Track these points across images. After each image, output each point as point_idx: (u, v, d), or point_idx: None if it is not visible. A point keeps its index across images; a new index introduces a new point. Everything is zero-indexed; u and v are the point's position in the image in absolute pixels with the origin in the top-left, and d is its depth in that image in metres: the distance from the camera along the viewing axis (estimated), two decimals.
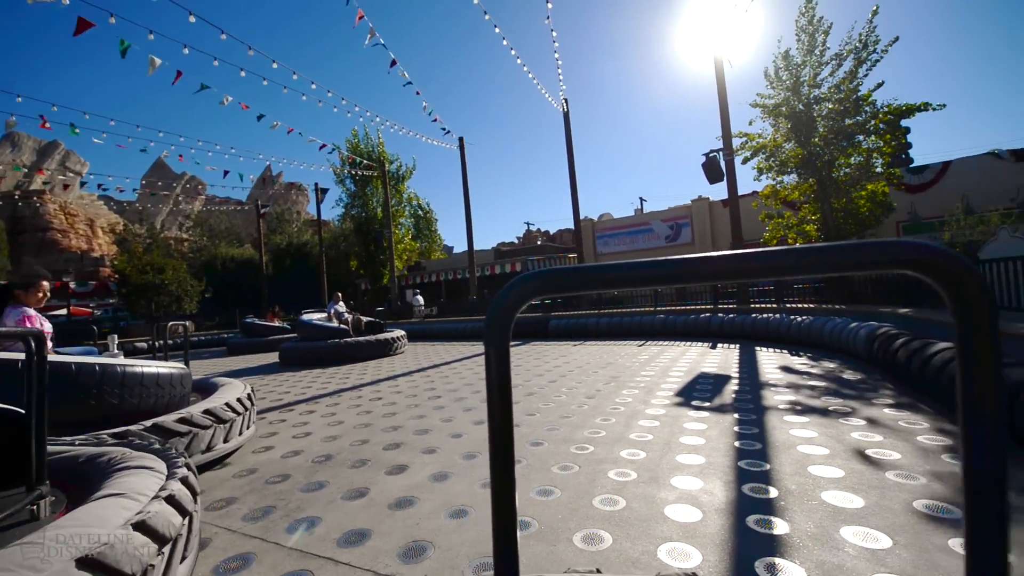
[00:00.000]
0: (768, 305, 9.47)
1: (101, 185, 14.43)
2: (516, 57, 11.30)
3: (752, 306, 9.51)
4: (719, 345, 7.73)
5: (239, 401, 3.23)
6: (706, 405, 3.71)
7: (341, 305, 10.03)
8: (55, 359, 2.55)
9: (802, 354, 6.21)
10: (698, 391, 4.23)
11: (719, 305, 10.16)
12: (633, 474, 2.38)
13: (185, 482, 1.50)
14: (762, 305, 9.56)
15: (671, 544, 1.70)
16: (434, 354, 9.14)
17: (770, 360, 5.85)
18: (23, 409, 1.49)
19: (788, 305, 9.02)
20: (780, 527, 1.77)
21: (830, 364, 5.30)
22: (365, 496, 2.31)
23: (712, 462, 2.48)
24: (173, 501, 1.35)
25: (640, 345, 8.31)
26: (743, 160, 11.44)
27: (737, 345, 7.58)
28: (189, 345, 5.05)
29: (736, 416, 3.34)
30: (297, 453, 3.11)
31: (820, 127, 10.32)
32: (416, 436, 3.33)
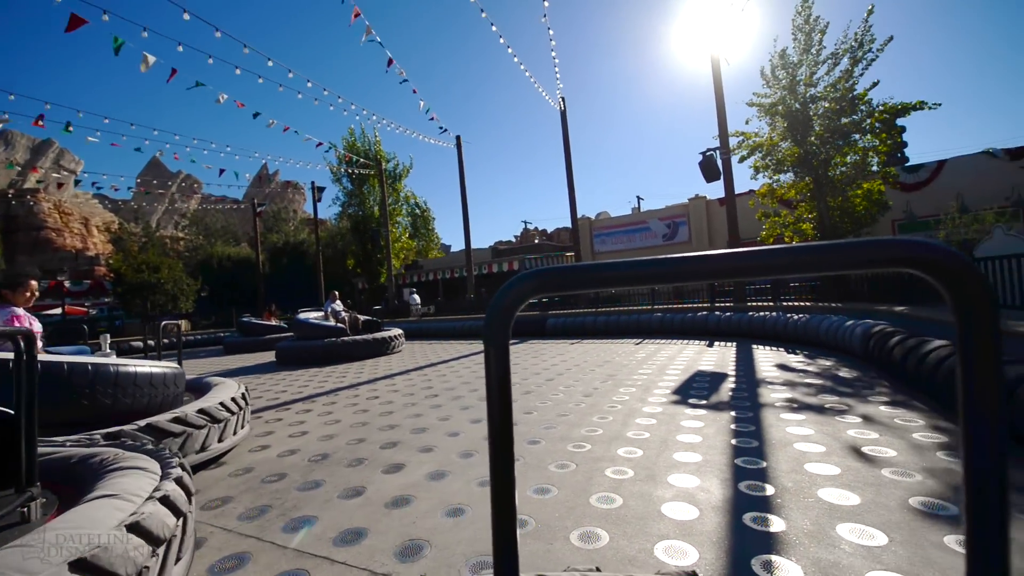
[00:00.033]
0: (765, 303, 9.51)
1: (96, 183, 14.34)
2: (513, 55, 11.29)
3: (749, 304, 9.54)
4: (716, 343, 7.75)
5: (233, 400, 3.22)
6: (703, 403, 3.72)
7: (338, 304, 9.99)
8: (48, 359, 2.53)
9: (798, 352, 6.23)
10: (695, 389, 4.24)
11: (716, 303, 10.19)
12: (630, 472, 2.38)
13: (179, 482, 1.49)
14: (759, 303, 9.60)
15: (668, 542, 1.70)
16: (431, 353, 9.12)
17: (767, 358, 5.87)
18: (12, 410, 1.47)
19: (784, 303, 9.05)
20: (776, 524, 1.77)
21: (826, 362, 5.32)
22: (362, 495, 2.30)
23: (709, 460, 2.48)
24: (167, 502, 1.34)
25: (637, 343, 8.32)
26: (740, 159, 11.48)
27: (734, 343, 7.60)
28: (184, 344, 5.02)
29: (733, 414, 3.35)
30: (293, 452, 3.10)
31: (816, 126, 10.36)
32: (413, 435, 3.32)
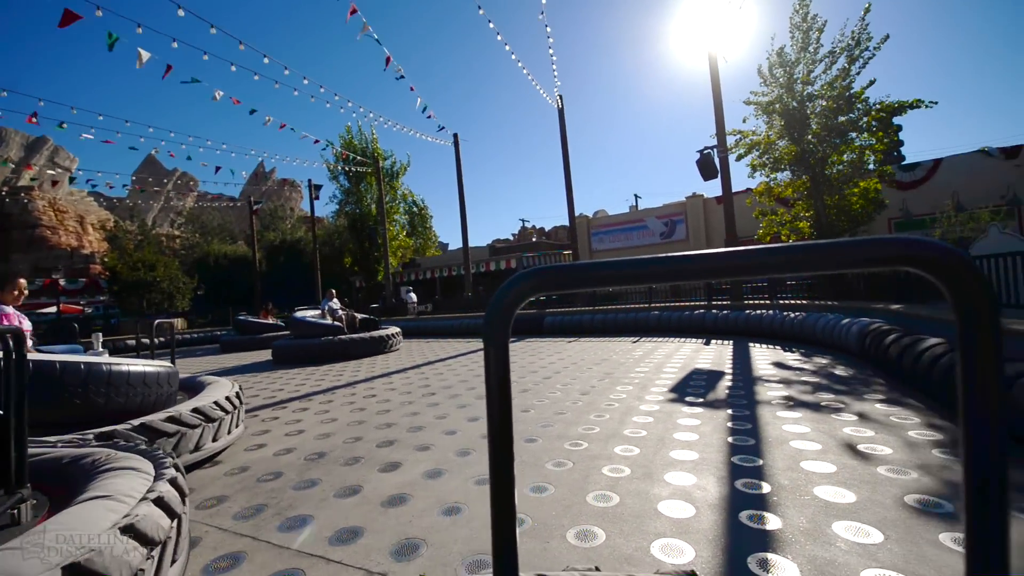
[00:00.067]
0: (761, 301, 9.53)
1: (91, 181, 14.26)
2: (511, 53, 11.25)
3: (746, 302, 9.56)
4: (713, 341, 7.76)
5: (227, 399, 3.20)
6: (700, 401, 3.72)
7: (335, 302, 9.96)
8: (39, 357, 2.51)
9: (795, 350, 6.25)
10: (692, 387, 4.25)
11: (713, 301, 10.21)
12: (627, 470, 2.37)
13: (173, 483, 1.47)
14: (755, 301, 9.62)
15: (664, 540, 1.70)
16: (428, 351, 9.11)
17: (763, 356, 5.89)
18: (1, 410, 1.45)
19: (781, 301, 9.08)
20: (773, 522, 1.77)
21: (822, 360, 5.34)
22: (358, 494, 2.30)
23: (705, 458, 2.48)
24: (161, 503, 1.32)
25: (634, 341, 8.33)
26: (737, 157, 11.49)
27: (731, 341, 7.62)
28: (181, 343, 4.99)
29: (729, 412, 3.35)
30: (290, 451, 3.09)
31: (813, 124, 10.37)
32: (410, 433, 3.31)
